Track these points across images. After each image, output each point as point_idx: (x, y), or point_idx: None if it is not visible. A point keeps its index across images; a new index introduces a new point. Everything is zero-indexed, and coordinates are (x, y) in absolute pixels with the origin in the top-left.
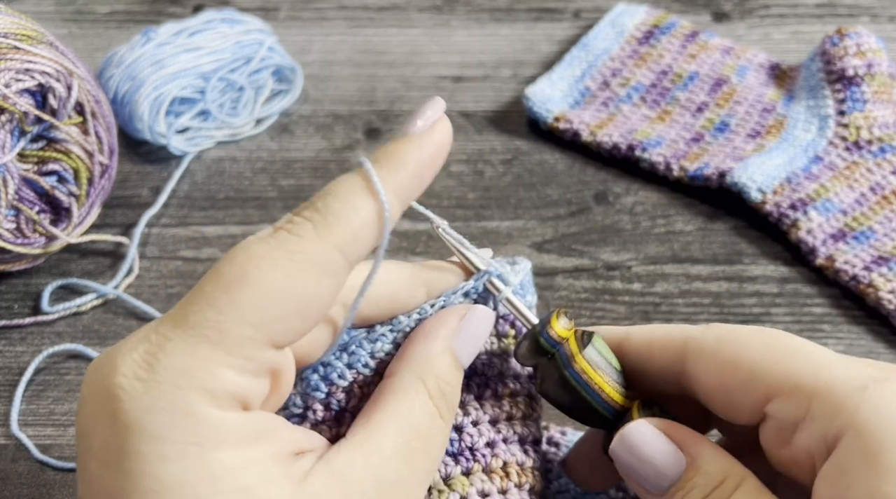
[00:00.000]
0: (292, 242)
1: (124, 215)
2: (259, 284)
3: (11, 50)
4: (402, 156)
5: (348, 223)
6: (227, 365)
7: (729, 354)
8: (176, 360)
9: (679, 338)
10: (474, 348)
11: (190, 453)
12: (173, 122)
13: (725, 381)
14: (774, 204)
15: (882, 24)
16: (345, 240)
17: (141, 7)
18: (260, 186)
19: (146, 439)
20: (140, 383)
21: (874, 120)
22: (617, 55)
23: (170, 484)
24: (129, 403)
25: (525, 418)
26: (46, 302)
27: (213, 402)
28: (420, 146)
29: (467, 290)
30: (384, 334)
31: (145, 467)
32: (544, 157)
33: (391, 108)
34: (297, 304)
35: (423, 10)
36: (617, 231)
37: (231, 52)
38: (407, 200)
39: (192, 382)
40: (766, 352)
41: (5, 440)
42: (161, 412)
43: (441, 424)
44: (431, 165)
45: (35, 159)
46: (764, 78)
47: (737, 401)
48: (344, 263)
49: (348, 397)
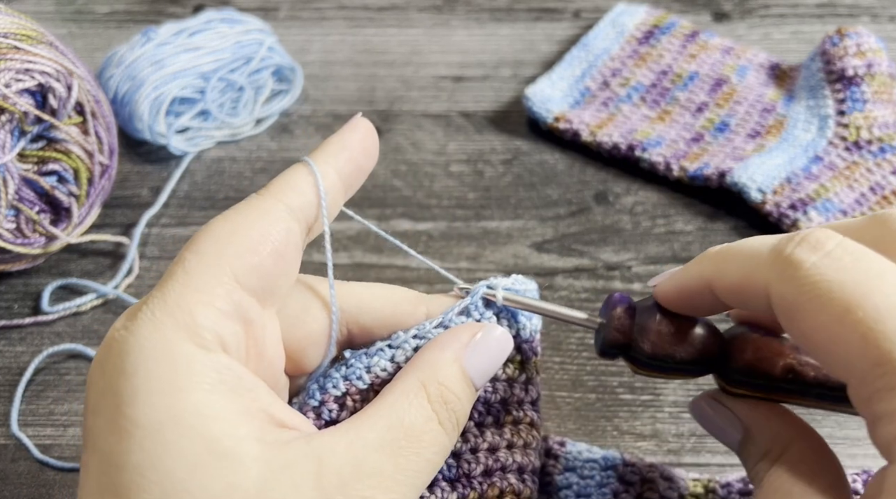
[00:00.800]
0: (240, 204)
1: (124, 215)
2: (214, 231)
3: (11, 50)
4: (331, 140)
5: (285, 183)
6: (200, 302)
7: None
8: (153, 305)
9: (762, 292)
10: (488, 367)
11: (162, 390)
12: (173, 122)
13: (820, 346)
14: (774, 204)
15: (882, 24)
16: (285, 193)
17: (141, 7)
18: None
19: (124, 377)
20: (125, 330)
21: (874, 120)
22: (617, 55)
23: (140, 423)
24: (115, 348)
25: (526, 446)
26: (46, 302)
27: (191, 337)
28: (346, 131)
29: (464, 306)
30: (382, 349)
31: (120, 407)
32: (544, 157)
33: (391, 108)
34: (249, 241)
35: (423, 10)
36: (617, 231)
37: (231, 52)
38: (343, 171)
39: (167, 319)
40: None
41: (5, 440)
42: (138, 350)
43: (438, 429)
44: (361, 145)
45: (35, 159)
46: (764, 78)
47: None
48: (288, 209)
49: (340, 408)
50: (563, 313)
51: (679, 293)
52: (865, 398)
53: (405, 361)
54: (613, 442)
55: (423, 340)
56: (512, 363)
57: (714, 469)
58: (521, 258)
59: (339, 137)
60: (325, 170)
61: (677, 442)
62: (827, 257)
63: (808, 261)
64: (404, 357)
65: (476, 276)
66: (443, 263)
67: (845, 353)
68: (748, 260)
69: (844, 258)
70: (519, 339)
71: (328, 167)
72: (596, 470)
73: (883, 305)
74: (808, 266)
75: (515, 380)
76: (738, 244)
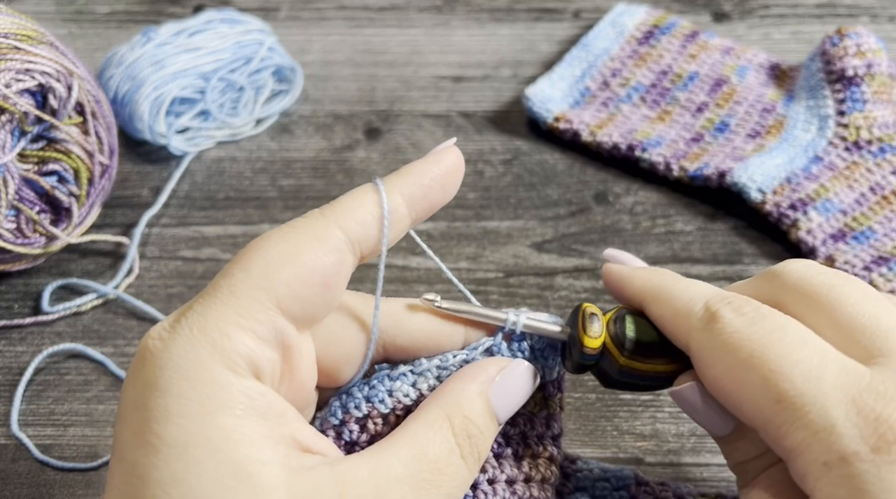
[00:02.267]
0: (299, 221)
1: (124, 215)
2: (266, 252)
3: (11, 50)
4: (410, 166)
5: (350, 208)
6: (237, 325)
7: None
8: (192, 321)
9: (684, 335)
10: (512, 402)
11: (192, 412)
12: (173, 122)
13: (725, 392)
14: (774, 204)
15: (882, 24)
16: (346, 221)
17: (141, 7)
18: (260, 186)
19: (156, 393)
20: (161, 342)
21: (874, 120)
22: (617, 55)
23: (168, 441)
24: (150, 360)
25: (543, 481)
26: (46, 302)
27: (223, 361)
28: (427, 161)
29: (488, 346)
30: (405, 374)
31: (149, 422)
32: (544, 157)
33: (391, 108)
34: (301, 270)
35: (423, 10)
36: (617, 231)
37: (231, 52)
38: (413, 200)
39: (204, 339)
40: (754, 380)
41: (5, 440)
42: (172, 368)
43: (460, 463)
44: (439, 180)
45: (35, 159)
46: (764, 78)
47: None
48: (345, 239)
49: (361, 430)
50: (537, 328)
51: (617, 291)
52: (775, 439)
53: (428, 388)
54: (613, 442)
55: (445, 370)
56: (533, 399)
57: (714, 469)
58: (521, 258)
59: (422, 167)
60: (395, 201)
61: (677, 442)
62: (742, 316)
63: (727, 317)
64: (426, 385)
65: (476, 276)
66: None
67: (750, 394)
68: (682, 305)
69: (755, 317)
70: (543, 378)
71: (398, 198)
72: (608, 490)
73: (783, 352)
74: (725, 321)
75: (536, 415)
76: (678, 286)
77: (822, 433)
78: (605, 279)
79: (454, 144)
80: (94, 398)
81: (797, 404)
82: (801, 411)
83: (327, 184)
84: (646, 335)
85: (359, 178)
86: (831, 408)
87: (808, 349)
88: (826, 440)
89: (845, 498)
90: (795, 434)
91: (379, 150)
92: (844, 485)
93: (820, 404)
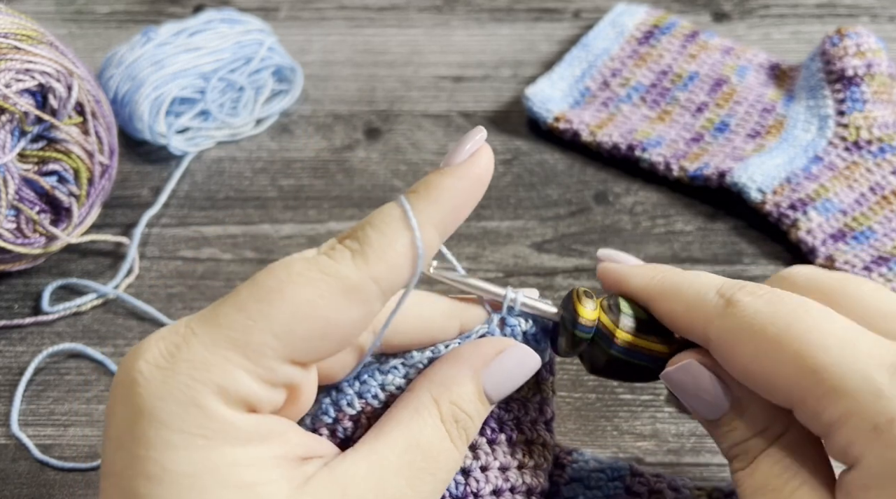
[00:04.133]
0: (331, 266)
1: (124, 215)
2: (291, 300)
3: (11, 50)
4: (440, 188)
5: (384, 255)
6: (245, 369)
7: (753, 356)
8: (195, 353)
9: (701, 325)
10: (509, 385)
11: (196, 445)
12: (173, 122)
13: (752, 375)
14: (774, 204)
15: (882, 24)
16: (380, 271)
17: (141, 7)
18: (260, 186)
19: (155, 425)
20: (159, 370)
21: (874, 120)
22: (617, 55)
23: (173, 472)
24: (145, 388)
25: (536, 467)
26: (46, 302)
27: (224, 400)
28: (459, 177)
29: (482, 334)
30: (396, 367)
31: (151, 453)
32: (544, 157)
33: (391, 108)
34: (325, 326)
35: (423, 10)
36: (617, 231)
37: (231, 52)
38: (445, 230)
39: (207, 376)
40: (790, 362)
41: (5, 440)
42: (172, 401)
43: (451, 447)
44: (470, 196)
45: (35, 159)
46: (764, 78)
47: (767, 393)
48: (378, 293)
49: (355, 426)
50: (533, 305)
51: (616, 289)
52: (812, 414)
53: None
54: (613, 442)
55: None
56: (527, 383)
57: (714, 469)
58: (521, 258)
59: (453, 184)
60: (429, 235)
61: (677, 442)
62: (760, 298)
63: (745, 300)
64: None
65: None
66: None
67: (785, 372)
68: (693, 296)
69: (773, 298)
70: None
71: (431, 231)
72: (603, 481)
73: (812, 325)
74: (744, 303)
75: (530, 400)
76: (685, 278)
77: (869, 398)
78: (602, 279)
79: (484, 135)
80: (94, 398)
81: (836, 373)
82: (842, 379)
83: (327, 184)
84: (641, 313)
85: (359, 178)
86: (874, 372)
87: (838, 322)
88: (874, 405)
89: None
90: (838, 404)
91: (379, 150)
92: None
93: (861, 370)
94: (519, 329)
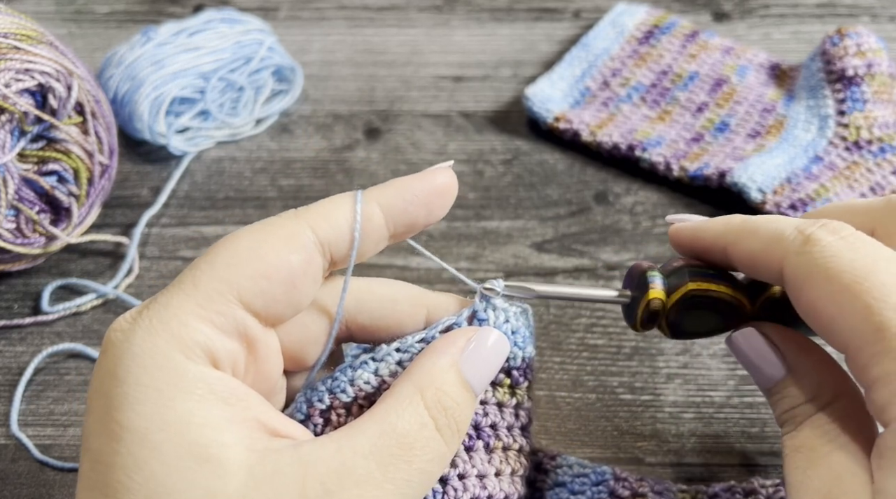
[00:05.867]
0: (271, 219)
1: (124, 215)
2: (232, 247)
3: (11, 50)
4: (396, 180)
5: (324, 211)
6: (197, 315)
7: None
8: (152, 311)
9: (778, 260)
10: (486, 372)
11: (149, 398)
12: (173, 122)
13: (824, 317)
14: (774, 204)
15: (882, 24)
16: (318, 222)
17: (141, 7)
18: (260, 186)
19: (115, 382)
20: (122, 333)
21: (874, 120)
22: (617, 55)
23: (127, 427)
24: (111, 351)
25: (513, 473)
26: (46, 302)
27: (180, 349)
28: (416, 178)
29: (449, 325)
30: (365, 362)
31: (110, 411)
32: (544, 157)
33: (391, 108)
34: (265, 266)
35: (423, 10)
36: (617, 231)
37: (231, 52)
38: (393, 213)
39: (162, 328)
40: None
41: (5, 440)
42: (130, 357)
43: (435, 436)
44: (424, 196)
45: (35, 159)
46: (764, 78)
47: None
48: (315, 241)
49: (325, 422)
50: (588, 294)
51: (692, 243)
52: (862, 365)
53: (389, 374)
54: (613, 442)
55: (406, 353)
56: (501, 387)
57: (714, 469)
58: (521, 258)
59: (407, 182)
60: (371, 209)
61: (677, 442)
62: (843, 240)
63: (826, 239)
64: (388, 371)
65: (476, 276)
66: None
67: (849, 320)
68: (770, 233)
69: (857, 243)
70: (508, 365)
71: (375, 207)
72: (587, 485)
73: (889, 281)
74: (825, 243)
75: (505, 404)
76: (761, 218)
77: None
78: (674, 238)
79: (450, 166)
80: None
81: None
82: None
83: (327, 184)
84: (701, 269)
85: (359, 178)
86: None
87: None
88: None
89: None
90: (888, 363)
91: (379, 150)
92: None
93: None
94: (489, 324)
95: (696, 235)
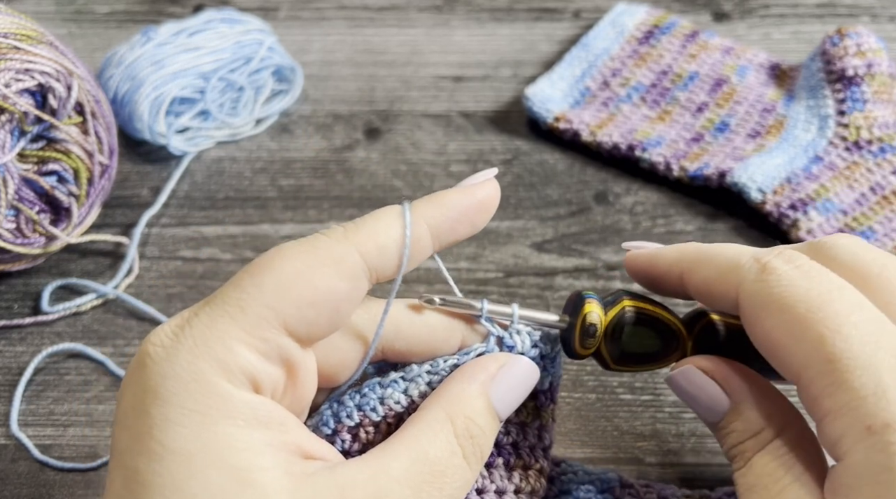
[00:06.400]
0: (319, 240)
1: (124, 215)
2: (280, 270)
3: (11, 50)
4: (442, 196)
5: (373, 233)
6: (242, 341)
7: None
8: (197, 330)
9: (733, 288)
10: (513, 399)
11: (193, 421)
12: (173, 122)
13: (774, 347)
14: (774, 204)
15: (882, 24)
16: (367, 246)
17: (141, 7)
18: (260, 186)
19: (157, 402)
20: (163, 350)
21: (874, 120)
22: (617, 55)
23: (169, 448)
24: (151, 368)
25: (533, 493)
26: (46, 302)
27: (225, 374)
28: (462, 194)
29: (481, 351)
30: (395, 381)
31: (151, 430)
32: (544, 157)
33: (391, 108)
34: (313, 294)
35: (423, 10)
36: (617, 231)
37: (231, 52)
38: (439, 232)
39: (207, 351)
40: (808, 345)
41: (5, 440)
42: (174, 378)
43: (462, 464)
44: (470, 215)
45: (35, 159)
46: (764, 78)
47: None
48: (364, 266)
49: (353, 439)
50: (528, 315)
51: (647, 270)
52: (814, 397)
53: (419, 395)
54: (613, 442)
55: (436, 376)
56: (525, 408)
57: (715, 469)
58: (521, 258)
59: (455, 198)
60: (420, 230)
61: (677, 442)
62: (798, 269)
63: (781, 269)
64: (417, 392)
65: (476, 276)
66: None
67: (802, 350)
68: (726, 261)
69: (811, 272)
70: (535, 389)
71: (423, 227)
72: (592, 493)
73: (842, 312)
74: (780, 272)
75: (529, 425)
76: (717, 246)
77: (871, 398)
78: (630, 266)
79: (494, 174)
80: (94, 398)
81: (850, 366)
82: (853, 373)
83: (327, 184)
84: (643, 302)
85: (358, 178)
86: (885, 373)
87: (867, 313)
88: (874, 405)
89: (881, 464)
90: (840, 395)
91: (379, 150)
92: (884, 451)
93: (874, 368)
94: (517, 350)
95: (652, 263)
